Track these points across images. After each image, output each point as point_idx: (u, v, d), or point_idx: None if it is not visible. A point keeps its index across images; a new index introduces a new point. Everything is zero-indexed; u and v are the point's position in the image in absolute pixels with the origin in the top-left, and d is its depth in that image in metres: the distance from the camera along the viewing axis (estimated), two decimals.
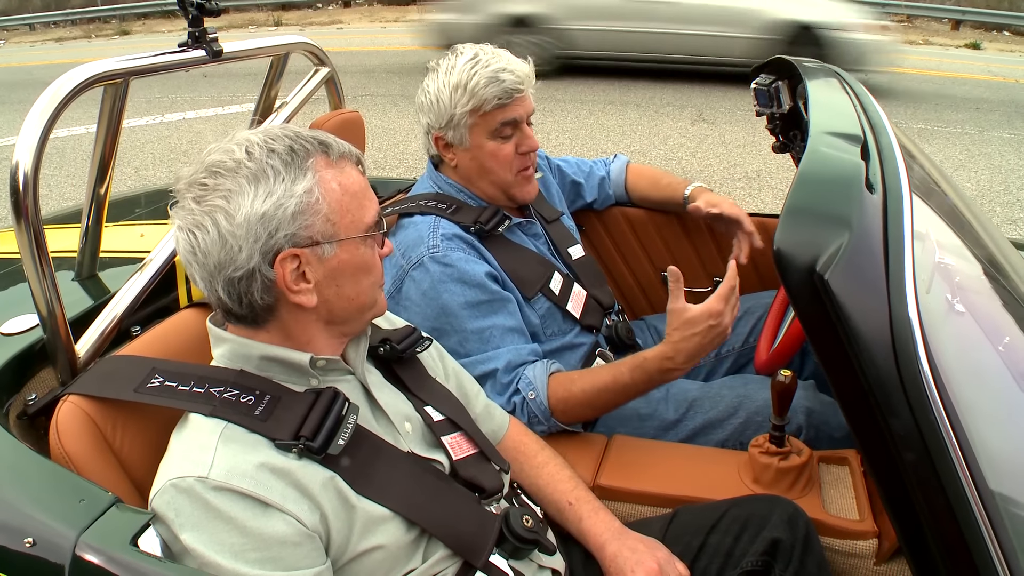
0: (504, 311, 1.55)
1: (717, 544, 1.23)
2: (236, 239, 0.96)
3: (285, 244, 0.97)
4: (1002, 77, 9.99)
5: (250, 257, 0.96)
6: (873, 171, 0.88)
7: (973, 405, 0.80)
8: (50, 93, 1.20)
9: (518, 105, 1.60)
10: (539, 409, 1.48)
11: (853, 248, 0.73)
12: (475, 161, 1.64)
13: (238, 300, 1.00)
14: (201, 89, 9.33)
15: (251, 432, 0.96)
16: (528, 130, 1.64)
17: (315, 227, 0.99)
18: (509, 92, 1.56)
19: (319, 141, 1.02)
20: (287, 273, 0.98)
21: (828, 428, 1.58)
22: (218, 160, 0.98)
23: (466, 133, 1.60)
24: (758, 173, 5.77)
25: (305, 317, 1.04)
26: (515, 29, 8.53)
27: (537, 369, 1.51)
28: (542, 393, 1.48)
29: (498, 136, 1.61)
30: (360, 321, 1.10)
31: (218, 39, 1.53)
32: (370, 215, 1.05)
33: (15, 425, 1.16)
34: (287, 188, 0.97)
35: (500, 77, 1.55)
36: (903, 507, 0.75)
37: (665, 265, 2.18)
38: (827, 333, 0.72)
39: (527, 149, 1.64)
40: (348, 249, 1.02)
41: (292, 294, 1.00)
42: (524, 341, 1.56)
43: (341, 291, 1.04)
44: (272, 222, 0.96)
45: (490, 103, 1.56)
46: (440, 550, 1.06)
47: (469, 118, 1.58)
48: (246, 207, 0.95)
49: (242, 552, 0.89)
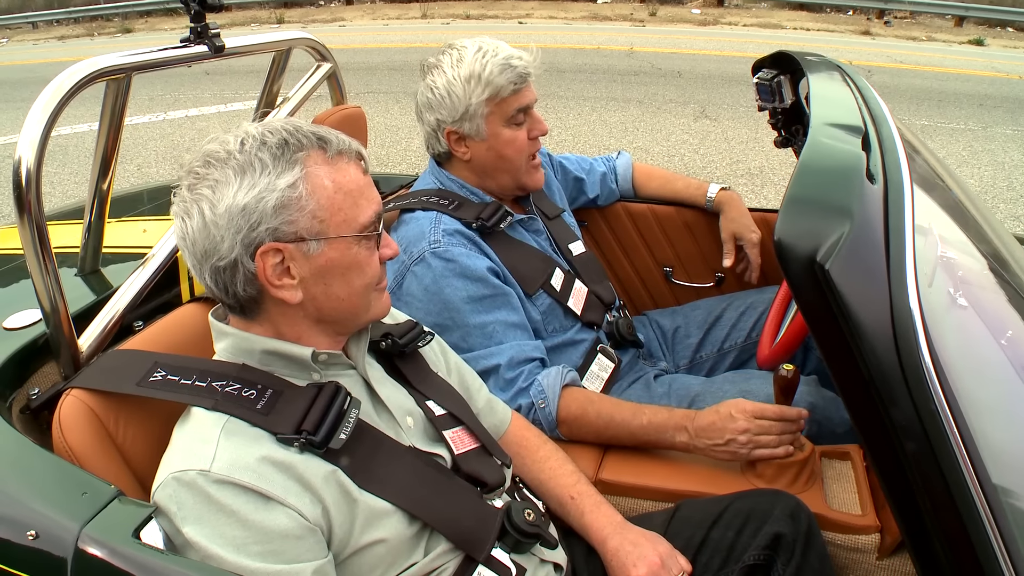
0: (507, 306, 1.54)
1: (719, 538, 1.23)
2: (218, 229, 0.96)
3: (266, 238, 0.97)
4: (1006, 73, 9.95)
5: (232, 248, 0.97)
6: (874, 162, 0.88)
7: (975, 397, 0.79)
8: (53, 88, 1.20)
9: (529, 91, 1.62)
10: (546, 420, 1.47)
11: (854, 238, 0.73)
12: (492, 151, 1.64)
13: (224, 290, 1.01)
14: (203, 87, 9.33)
15: (253, 426, 0.96)
16: (537, 115, 1.67)
17: (300, 223, 0.98)
18: (523, 77, 1.59)
19: (317, 136, 1.01)
20: (268, 267, 0.98)
21: (830, 423, 1.58)
22: (213, 150, 0.99)
23: (482, 123, 1.61)
24: (760, 169, 5.76)
25: (292, 312, 1.03)
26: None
27: (551, 377, 1.49)
28: (552, 404, 1.47)
29: (513, 123, 1.62)
30: (353, 323, 1.09)
31: (220, 35, 1.53)
32: (366, 215, 1.03)
33: (18, 419, 1.17)
34: (270, 182, 0.96)
35: (512, 64, 1.57)
36: (905, 498, 0.75)
37: (667, 259, 2.20)
38: (828, 323, 0.72)
39: (539, 133, 1.67)
40: (338, 248, 1.01)
41: (274, 288, 0.99)
42: (527, 337, 1.55)
43: (330, 290, 1.03)
44: (253, 215, 0.96)
45: (507, 89, 1.58)
46: (442, 544, 1.06)
47: (485, 107, 1.59)
48: (228, 198, 0.96)
49: (244, 545, 0.89)
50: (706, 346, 1.97)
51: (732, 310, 1.97)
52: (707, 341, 1.97)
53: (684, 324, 2.01)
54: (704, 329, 1.97)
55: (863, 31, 14.10)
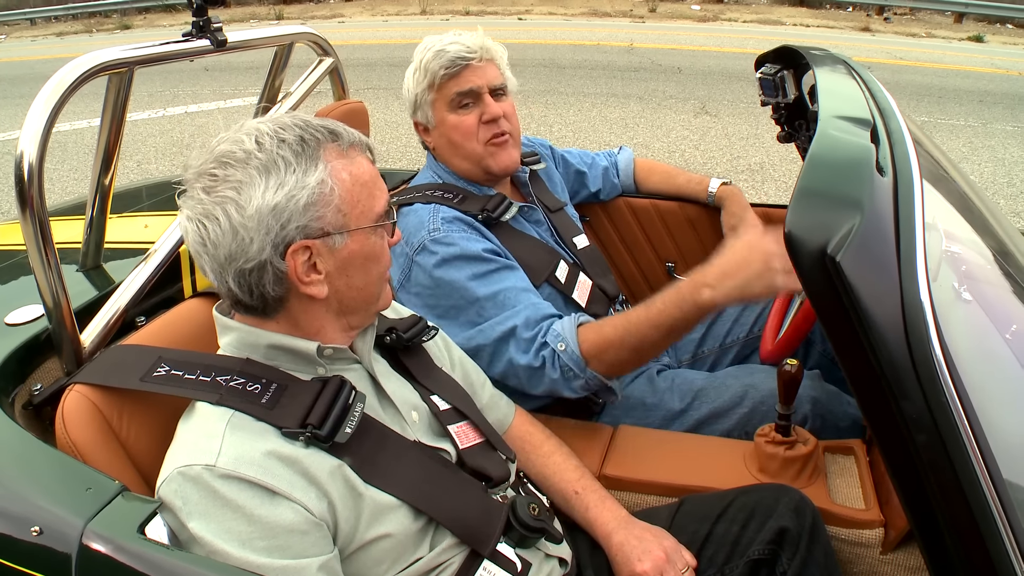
0: (513, 275, 1.54)
1: (724, 533, 1.23)
2: (247, 231, 0.95)
3: (297, 236, 0.96)
4: (1005, 70, 9.95)
5: (261, 249, 0.95)
6: (883, 154, 0.88)
7: (983, 390, 0.79)
8: (55, 83, 1.19)
9: (471, 74, 1.62)
10: (572, 359, 1.42)
11: (864, 230, 0.72)
12: (443, 138, 1.67)
13: (249, 292, 0.99)
14: (203, 83, 9.32)
15: (258, 420, 0.96)
16: (488, 99, 1.64)
17: (326, 218, 0.98)
18: (454, 61, 1.60)
19: (329, 130, 1.01)
20: (298, 265, 0.98)
21: (834, 418, 1.57)
22: (228, 150, 0.96)
23: (430, 111, 1.66)
24: (761, 165, 5.76)
25: (315, 308, 1.03)
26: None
27: (564, 322, 1.46)
28: (572, 342, 1.42)
29: (457, 107, 1.63)
30: (367, 313, 1.10)
31: (223, 29, 1.52)
32: (380, 204, 1.04)
33: (20, 415, 1.16)
34: (299, 179, 0.96)
35: (446, 49, 1.60)
36: (915, 490, 0.75)
37: (669, 255, 2.20)
38: (839, 315, 0.71)
39: (489, 117, 1.64)
40: (358, 239, 1.02)
41: (303, 286, 0.99)
42: (539, 299, 1.54)
43: (351, 281, 1.03)
44: (284, 214, 0.95)
45: (439, 75, 1.61)
46: (447, 538, 1.06)
47: (427, 94, 1.64)
48: (257, 198, 0.94)
49: (249, 540, 0.88)
50: (708, 341, 1.96)
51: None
52: (709, 336, 1.97)
53: None
54: (706, 324, 1.97)
55: (863, 27, 14.09)
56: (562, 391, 1.46)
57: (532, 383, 1.47)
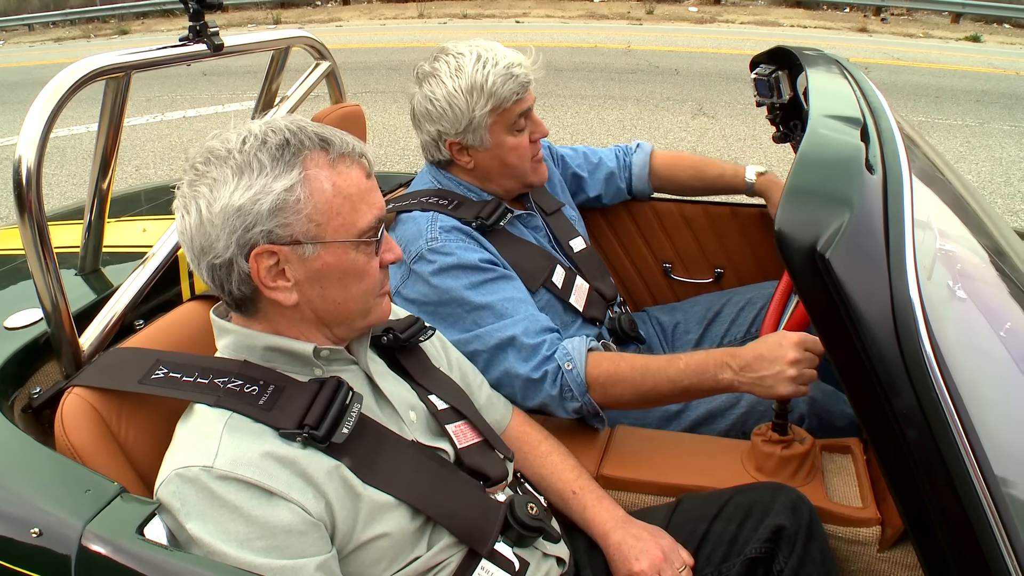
0: (510, 285, 1.54)
1: (721, 532, 1.23)
2: (214, 228, 0.96)
3: (261, 240, 0.97)
4: (1002, 70, 9.97)
5: (227, 247, 0.97)
6: (873, 153, 0.88)
7: (975, 386, 0.80)
8: (53, 87, 1.20)
9: (530, 95, 1.61)
10: (575, 381, 1.43)
11: (854, 227, 0.73)
12: (496, 159, 1.64)
13: (220, 286, 1.01)
14: (200, 88, 9.32)
15: (256, 422, 0.96)
16: (536, 117, 1.66)
17: (295, 226, 0.97)
18: (525, 86, 1.58)
19: (321, 137, 1.00)
20: (262, 268, 0.98)
21: (830, 417, 1.58)
22: (214, 147, 0.99)
23: (486, 134, 1.59)
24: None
25: (289, 313, 1.03)
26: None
27: (575, 342, 1.47)
28: (580, 364, 1.43)
29: (515, 130, 1.62)
30: (351, 327, 1.08)
31: (219, 33, 1.53)
32: (365, 220, 1.02)
33: (20, 418, 1.16)
34: (266, 184, 0.95)
35: (514, 72, 1.55)
36: (907, 485, 0.75)
37: (667, 256, 2.20)
38: (829, 312, 0.72)
39: (540, 136, 1.67)
40: (335, 252, 1.00)
41: (268, 290, 1.00)
42: (536, 310, 1.54)
43: (326, 294, 1.02)
44: (248, 216, 0.95)
45: (510, 100, 1.56)
46: (445, 538, 1.06)
47: (489, 118, 1.57)
48: (224, 198, 0.95)
49: (248, 541, 0.89)
50: (705, 341, 1.97)
51: (731, 306, 1.97)
52: (707, 337, 1.97)
53: (684, 320, 2.02)
54: (703, 325, 1.98)
55: (860, 28, 14.11)
56: (555, 409, 1.47)
57: (527, 394, 1.47)
